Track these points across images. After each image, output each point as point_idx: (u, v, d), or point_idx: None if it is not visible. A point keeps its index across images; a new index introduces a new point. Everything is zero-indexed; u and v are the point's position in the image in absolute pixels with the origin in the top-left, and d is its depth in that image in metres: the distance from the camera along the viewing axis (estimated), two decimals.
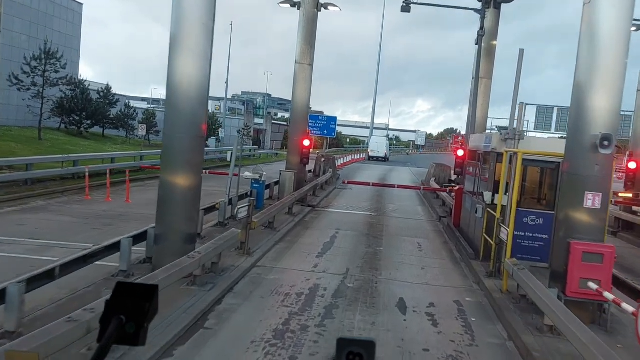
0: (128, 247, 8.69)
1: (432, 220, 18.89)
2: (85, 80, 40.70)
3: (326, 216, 18.03)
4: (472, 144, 15.14)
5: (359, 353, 1.18)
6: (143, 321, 1.25)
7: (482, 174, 13.20)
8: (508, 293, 9.49)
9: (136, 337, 1.25)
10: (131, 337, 1.25)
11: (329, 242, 13.60)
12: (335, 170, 32.48)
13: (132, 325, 1.25)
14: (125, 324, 1.24)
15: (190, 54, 9.00)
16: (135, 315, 1.25)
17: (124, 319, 1.24)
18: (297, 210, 17.76)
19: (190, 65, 9.00)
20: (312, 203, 19.84)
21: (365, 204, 21.42)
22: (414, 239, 14.92)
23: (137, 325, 1.25)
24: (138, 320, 1.25)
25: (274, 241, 12.71)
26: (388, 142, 67.43)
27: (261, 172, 17.25)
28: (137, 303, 1.26)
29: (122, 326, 1.24)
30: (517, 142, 10.87)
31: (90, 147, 32.78)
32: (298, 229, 15.06)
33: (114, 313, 1.25)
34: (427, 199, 25.25)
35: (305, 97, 20.26)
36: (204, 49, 9.06)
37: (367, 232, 15.47)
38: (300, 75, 20.18)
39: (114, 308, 1.25)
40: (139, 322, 1.25)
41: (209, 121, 50.56)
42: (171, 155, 9.18)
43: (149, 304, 1.27)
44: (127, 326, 1.24)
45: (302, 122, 20.41)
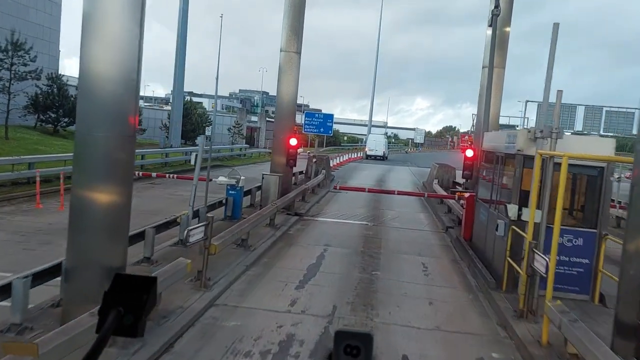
0: (22, 291, 6.17)
1: (438, 231, 16.40)
2: (63, 75, 38.06)
3: (315, 227, 15.53)
4: (487, 143, 12.66)
5: (357, 346, 1.18)
6: (141, 313, 1.25)
7: (503, 180, 10.71)
8: (549, 347, 7.02)
9: (134, 329, 1.24)
10: (129, 328, 1.24)
11: (314, 264, 11.10)
12: (329, 171, 29.97)
13: (130, 316, 1.24)
14: (123, 316, 1.24)
15: (112, 22, 6.49)
16: (134, 307, 1.24)
17: (122, 311, 1.24)
18: (280, 220, 15.27)
19: (112, 37, 6.49)
20: (299, 210, 17.33)
21: (361, 211, 18.93)
22: (417, 258, 12.44)
23: (135, 317, 1.24)
24: (136, 311, 1.24)
25: (245, 265, 10.21)
26: (386, 140, 64.91)
27: (238, 176, 14.74)
28: (135, 295, 1.25)
29: (120, 318, 1.23)
30: (554, 142, 8.38)
31: (64, 147, 30.23)
32: (279, 246, 12.55)
33: (112, 305, 1.24)
34: (430, 204, 22.74)
35: (292, 90, 17.75)
36: (130, 17, 6.54)
37: (361, 249, 12.97)
38: (286, 65, 17.67)
39: (112, 300, 1.25)
40: (137, 313, 1.24)
41: (198, 119, 48.02)
42: (86, 161, 6.65)
43: (147, 295, 1.26)
44: (125, 318, 1.24)
45: (289, 117, 17.90)
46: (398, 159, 65.26)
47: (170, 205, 16.67)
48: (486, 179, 12.67)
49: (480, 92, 17.07)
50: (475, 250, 12.35)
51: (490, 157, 12.20)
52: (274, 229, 13.96)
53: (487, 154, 12.66)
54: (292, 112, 17.99)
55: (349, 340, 1.19)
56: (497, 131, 13.74)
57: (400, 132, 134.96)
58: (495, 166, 11.48)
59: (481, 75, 17.15)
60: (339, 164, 43.97)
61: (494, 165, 11.58)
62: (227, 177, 14.78)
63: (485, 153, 12.97)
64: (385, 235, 15.02)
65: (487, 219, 11.67)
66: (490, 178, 12.13)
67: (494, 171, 11.61)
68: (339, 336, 1.20)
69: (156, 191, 21.00)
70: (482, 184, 13.11)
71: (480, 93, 17.07)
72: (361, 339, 1.19)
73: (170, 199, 18.79)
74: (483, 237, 11.85)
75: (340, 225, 16.20)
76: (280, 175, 17.06)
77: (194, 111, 45.68)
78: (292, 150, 17.34)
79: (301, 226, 15.47)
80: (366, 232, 15.38)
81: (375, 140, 61.89)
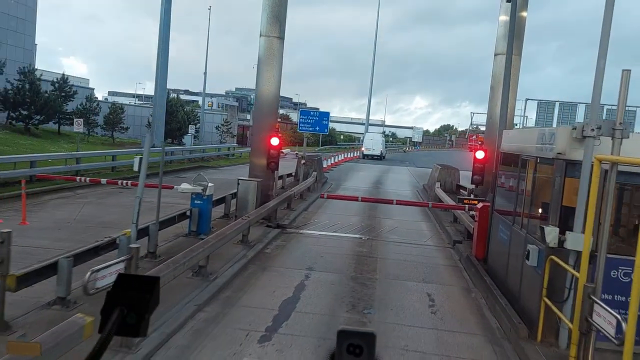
0: None
1: (443, 246, 13.97)
2: (36, 70, 35.50)
3: (299, 243, 13.09)
4: (508, 144, 10.21)
5: (359, 345, 1.17)
6: (144, 312, 1.24)
7: (532, 191, 8.28)
8: None
9: (137, 328, 1.24)
10: (132, 328, 1.24)
11: (290, 299, 8.66)
12: (321, 173, 27.52)
13: (133, 316, 1.24)
14: (126, 315, 1.23)
15: None
16: (137, 307, 1.24)
17: (125, 310, 1.23)
18: (258, 234, 12.84)
19: None
20: (283, 221, 14.89)
21: (355, 220, 16.49)
22: (421, 286, 10.01)
23: (138, 317, 1.24)
24: (139, 311, 1.24)
25: (196, 305, 7.76)
26: (384, 139, 62.45)
27: (205, 182, 12.29)
28: (138, 294, 1.25)
29: (123, 317, 1.23)
30: (618, 143, 5.96)
31: (32, 147, 27.73)
32: (249, 272, 10.11)
33: (115, 304, 1.23)
34: (432, 211, 20.33)
35: (273, 82, 15.29)
36: None
37: (352, 273, 10.54)
38: (267, 52, 15.21)
39: (115, 299, 1.24)
40: (140, 313, 1.24)
41: (185, 117, 45.48)
42: None
43: (149, 295, 1.26)
44: (128, 317, 1.23)
45: (270, 113, 15.44)
46: (396, 158, 62.91)
47: (126, 215, 14.22)
48: (507, 186, 10.25)
49: (492, 83, 14.64)
50: (493, 276, 9.92)
51: (512, 160, 9.76)
52: (247, 248, 11.51)
53: (507, 156, 10.22)
54: (273, 107, 15.53)
55: (351, 339, 1.17)
56: (522, 129, 11.33)
57: (398, 130, 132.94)
58: (520, 172, 9.05)
59: (493, 63, 14.75)
60: (334, 164, 41.54)
61: (518, 170, 9.14)
62: (192, 184, 12.34)
63: (504, 155, 10.53)
64: (382, 253, 12.58)
65: (508, 238, 9.24)
66: (513, 186, 9.70)
67: (518, 178, 9.18)
68: (341, 335, 1.18)
69: (122, 198, 18.50)
70: (500, 193, 10.67)
71: (492, 85, 14.66)
72: (364, 338, 1.17)
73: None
74: (503, 262, 9.42)
75: (330, 239, 13.75)
76: (259, 180, 14.61)
77: (180, 109, 43.08)
78: (274, 151, 14.89)
79: (282, 242, 13.02)
80: (359, 248, 12.94)
81: (372, 139, 59.41)
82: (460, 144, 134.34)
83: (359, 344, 1.17)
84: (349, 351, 1.17)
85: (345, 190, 25.62)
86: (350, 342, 1.17)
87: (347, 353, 1.17)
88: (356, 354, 1.17)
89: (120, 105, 45.33)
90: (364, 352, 1.17)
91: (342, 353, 1.17)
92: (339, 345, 1.17)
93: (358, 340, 1.17)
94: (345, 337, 1.17)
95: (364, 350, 1.17)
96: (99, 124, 39.60)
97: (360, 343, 1.17)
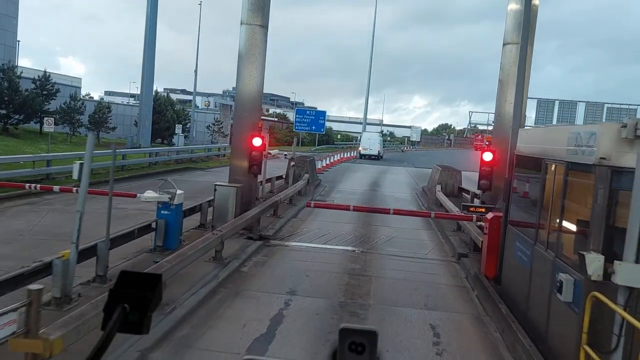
0: None
1: (447, 260, 12.35)
2: (16, 67, 33.83)
3: (281, 258, 11.46)
4: (526, 145, 8.59)
5: (362, 343, 1.16)
6: (146, 310, 1.23)
7: (563, 205, 6.66)
8: None
9: (139, 326, 1.23)
10: (135, 325, 1.23)
11: (263, 337, 7.04)
12: (314, 175, 25.90)
13: (135, 313, 1.23)
14: (129, 313, 1.22)
15: None
16: (139, 304, 1.23)
17: (127, 308, 1.22)
18: (236, 248, 11.23)
19: None
20: (266, 231, 13.27)
21: (348, 228, 14.86)
22: (423, 315, 8.39)
23: (141, 314, 1.23)
24: (141, 309, 1.23)
25: (138, 351, 6.13)
26: (381, 138, 60.82)
27: (173, 190, 10.67)
28: (141, 292, 1.24)
29: (125, 315, 1.22)
30: None
31: (6, 148, 26.09)
32: (217, 299, 8.47)
33: (117, 302, 1.23)
34: None
35: (256, 74, 13.66)
36: None
37: (341, 299, 8.92)
38: (248, 43, 13.58)
39: (117, 297, 1.23)
40: (142, 310, 1.23)
41: (174, 115, 43.83)
42: None
43: (152, 292, 1.24)
44: (130, 315, 1.22)
45: (252, 111, 13.81)
46: (394, 158, 61.35)
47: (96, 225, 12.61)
48: (526, 195, 8.65)
49: (501, 76, 13.04)
50: (509, 303, 8.31)
51: (531, 164, 8.15)
52: (219, 266, 9.89)
53: (525, 159, 8.60)
54: (256, 104, 13.89)
55: (353, 337, 1.16)
56: (547, 127, 9.73)
57: (396, 130, 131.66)
58: (543, 179, 7.44)
59: (502, 54, 13.15)
60: (329, 165, 39.95)
61: (541, 177, 7.52)
62: (158, 191, 10.71)
63: (520, 158, 8.91)
64: (378, 270, 10.97)
65: (529, 259, 7.63)
66: (534, 195, 8.10)
67: (541, 186, 7.57)
68: (343, 333, 1.17)
69: (94, 204, 16.77)
70: (517, 203, 9.06)
71: (500, 78, 13.06)
72: (366, 336, 1.17)
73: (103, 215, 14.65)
74: (522, 287, 7.80)
75: (318, 253, 12.13)
76: (238, 186, 12.98)
77: (169, 107, 41.38)
78: (256, 153, 13.26)
79: (263, 257, 11.39)
80: (351, 264, 11.32)
81: (369, 138, 57.77)
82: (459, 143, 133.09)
83: (361, 342, 1.16)
84: (350, 349, 1.16)
85: (340, 193, 24.02)
86: (352, 340, 1.16)
87: (349, 351, 1.16)
88: (358, 351, 1.16)
89: (107, 104, 43.65)
90: (366, 350, 1.16)
91: (344, 351, 1.16)
92: (341, 343, 1.16)
93: (360, 338, 1.16)
94: (347, 335, 1.16)
95: (366, 348, 1.16)
96: (83, 124, 37.93)
97: (362, 341, 1.16)
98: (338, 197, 22.76)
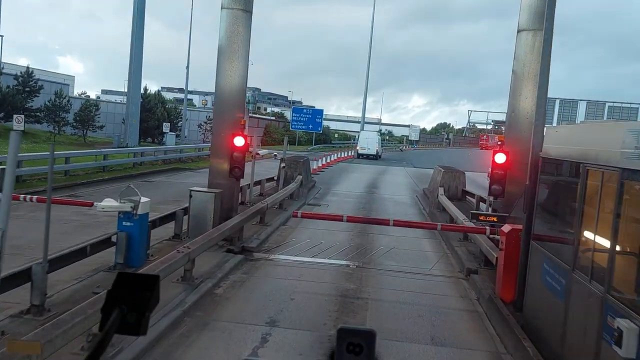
0: None
1: (455, 277, 10.83)
2: None
3: (264, 277, 9.93)
4: (558, 145, 7.06)
5: (359, 344, 1.16)
6: (144, 311, 1.24)
7: (616, 227, 5.12)
8: None
9: (137, 327, 1.23)
10: (132, 326, 1.23)
11: None
12: (308, 176, 24.37)
13: (133, 314, 1.23)
14: (126, 314, 1.22)
15: None
16: (137, 305, 1.23)
17: (125, 309, 1.22)
18: (210, 265, 9.70)
19: None
20: (250, 242, 11.75)
21: (342, 237, 13.34)
22: (430, 352, 6.88)
23: (139, 315, 1.23)
24: (139, 309, 1.23)
25: None
26: (380, 137, 59.28)
27: (136, 197, 9.12)
28: (139, 293, 1.24)
29: (123, 316, 1.22)
30: None
31: None
32: (178, 335, 6.93)
33: (115, 303, 1.23)
34: (434, 220, 17.26)
35: (238, 67, 12.13)
36: None
37: (331, 331, 7.38)
38: (230, 29, 12.05)
39: (115, 298, 1.23)
40: (140, 311, 1.23)
41: (165, 113, 42.24)
42: None
43: (150, 293, 1.25)
44: (128, 316, 1.22)
45: (233, 107, 12.26)
46: (393, 157, 59.88)
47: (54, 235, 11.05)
48: (557, 207, 7.13)
49: (515, 66, 11.51)
50: (534, 337, 6.79)
51: (565, 170, 6.63)
52: (189, 289, 8.35)
53: (556, 164, 7.08)
54: (239, 99, 12.34)
55: (351, 337, 1.16)
56: (588, 123, 8.22)
57: (394, 129, 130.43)
58: (583, 190, 5.91)
59: (516, 43, 11.63)
60: (326, 165, 38.42)
61: (580, 185, 6.00)
62: (119, 199, 9.17)
63: (550, 162, 7.39)
64: (375, 290, 9.45)
65: (564, 289, 6.10)
66: (568, 208, 6.57)
67: (580, 198, 6.04)
68: (341, 334, 1.17)
69: (61, 210, 15.30)
70: (544, 215, 7.53)
71: (514, 69, 11.53)
72: (364, 337, 1.16)
73: (69, 223, 13.14)
74: (554, 322, 6.28)
75: (307, 268, 10.60)
76: (217, 191, 11.45)
77: (159, 105, 39.78)
78: (238, 154, 11.72)
79: (242, 275, 9.86)
80: (345, 283, 9.79)
81: (367, 137, 56.23)
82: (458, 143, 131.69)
83: (359, 343, 1.15)
84: (348, 350, 1.16)
85: (336, 196, 22.51)
86: (350, 341, 1.16)
87: (346, 352, 1.16)
88: (356, 352, 1.15)
89: (95, 101, 42.06)
90: (364, 351, 1.16)
91: (342, 352, 1.16)
92: (338, 344, 1.16)
93: (358, 338, 1.16)
94: (345, 336, 1.16)
95: (363, 348, 1.15)
96: (69, 122, 36.34)
97: (360, 342, 1.16)
98: (333, 200, 21.26)
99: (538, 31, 11.42)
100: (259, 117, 72.03)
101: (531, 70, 11.38)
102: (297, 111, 66.92)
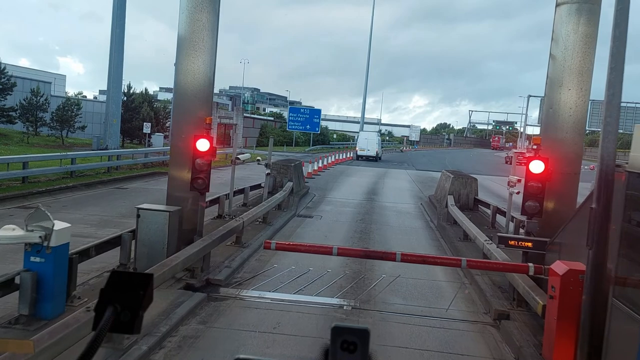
0: None
1: (480, 323, 8.31)
2: None
3: (227, 327, 7.40)
4: None
5: (354, 342, 1.14)
6: (138, 309, 1.23)
7: None
8: None
9: (131, 325, 1.22)
10: (126, 325, 1.22)
11: None
12: (301, 182, 21.88)
13: (127, 313, 1.22)
14: (120, 312, 1.21)
15: None
16: (130, 304, 1.22)
17: (118, 308, 1.21)
18: (160, 308, 7.20)
19: None
20: (217, 274, 9.25)
21: (335, 263, 10.82)
22: None
23: (132, 314, 1.22)
24: (133, 308, 1.22)
25: None
26: (379, 138, 56.79)
27: (48, 223, 6.63)
28: (132, 291, 1.23)
29: (117, 314, 1.21)
30: None
31: None
32: None
33: (108, 301, 1.22)
34: (444, 235, 14.82)
35: (203, 61, 9.62)
36: None
37: None
38: (191, 17, 9.55)
39: (108, 296, 1.22)
40: (133, 310, 1.22)
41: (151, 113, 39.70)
42: None
43: (143, 292, 1.24)
44: (122, 314, 1.22)
45: (196, 105, 9.71)
46: (393, 159, 57.47)
47: None
48: None
49: (554, 51, 9.00)
50: None
51: None
52: (114, 356, 5.84)
53: None
54: (204, 95, 9.77)
55: (345, 335, 1.13)
56: None
57: (394, 129, 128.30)
58: None
59: (555, 20, 9.14)
60: (322, 167, 35.95)
61: None
62: (25, 226, 6.67)
63: (637, 178, 4.90)
64: (378, 351, 6.93)
65: None
66: None
67: None
68: (335, 331, 1.14)
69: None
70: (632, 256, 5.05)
71: (553, 53, 9.03)
72: (358, 335, 1.14)
73: None
74: None
75: (287, 311, 8.09)
76: (173, 209, 8.94)
77: (144, 105, 37.22)
78: (202, 161, 9.18)
79: (199, 325, 7.35)
80: None
81: (367, 138, 53.73)
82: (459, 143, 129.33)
83: (353, 341, 1.14)
84: (342, 348, 1.14)
85: (331, 205, 20.01)
86: (344, 339, 1.14)
87: (341, 350, 1.14)
88: (350, 350, 1.14)
89: (77, 100, 39.50)
90: (358, 349, 1.14)
91: (336, 350, 1.14)
92: (333, 341, 1.14)
93: (352, 336, 1.14)
94: (339, 334, 1.14)
95: (358, 346, 1.14)
96: (47, 122, 33.82)
97: (355, 339, 1.14)
98: (328, 210, 18.76)
99: (584, 4, 8.95)
100: (255, 118, 69.51)
101: (575, 55, 8.88)
102: (294, 111, 64.36)
